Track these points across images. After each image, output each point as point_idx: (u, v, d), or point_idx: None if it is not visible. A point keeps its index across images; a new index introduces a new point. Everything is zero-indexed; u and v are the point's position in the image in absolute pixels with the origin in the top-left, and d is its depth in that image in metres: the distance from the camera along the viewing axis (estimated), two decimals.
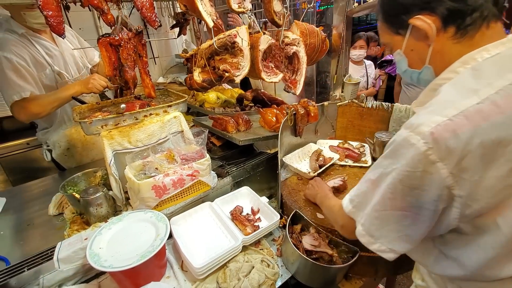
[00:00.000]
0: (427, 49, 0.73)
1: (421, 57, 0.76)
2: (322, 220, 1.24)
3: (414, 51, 0.77)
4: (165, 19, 3.48)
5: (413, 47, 0.76)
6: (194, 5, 1.25)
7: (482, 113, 0.57)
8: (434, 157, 0.58)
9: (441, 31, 0.69)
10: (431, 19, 0.68)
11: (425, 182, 0.61)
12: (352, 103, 1.83)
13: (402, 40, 0.77)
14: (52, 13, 1.05)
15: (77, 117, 1.38)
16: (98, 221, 1.28)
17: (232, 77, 1.40)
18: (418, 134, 0.60)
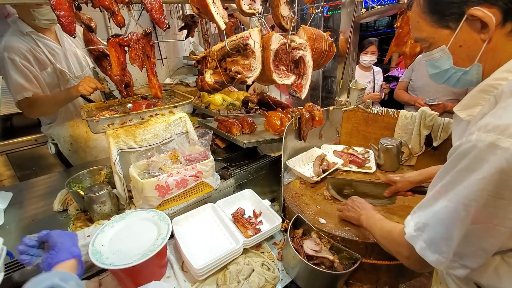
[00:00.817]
0: (480, 45, 0.66)
1: (470, 54, 0.69)
2: (323, 225, 1.23)
3: (463, 47, 0.70)
4: (173, 21, 3.54)
5: (463, 42, 0.69)
6: (207, 8, 1.26)
7: None
8: None
9: (499, 26, 0.63)
10: (490, 11, 0.61)
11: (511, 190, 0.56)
12: (358, 109, 1.82)
13: (450, 35, 0.69)
14: (64, 13, 1.08)
15: (84, 115, 1.40)
16: (101, 218, 1.29)
17: (244, 78, 1.41)
18: (510, 137, 0.54)
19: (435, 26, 0.72)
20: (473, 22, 0.65)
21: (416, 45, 1.69)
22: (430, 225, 0.70)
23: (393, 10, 1.73)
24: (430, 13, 0.72)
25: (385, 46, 5.04)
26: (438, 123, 1.50)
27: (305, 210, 1.34)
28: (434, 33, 0.73)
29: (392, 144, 1.57)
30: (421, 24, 0.75)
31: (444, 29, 0.70)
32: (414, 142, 1.60)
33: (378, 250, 1.10)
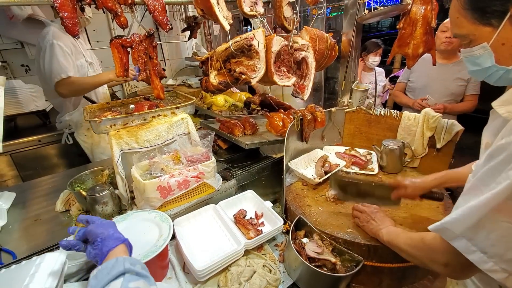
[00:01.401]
0: None
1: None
2: (325, 226, 1.22)
3: (505, 45, 0.67)
4: (176, 23, 3.55)
5: (506, 40, 0.67)
6: (211, 9, 1.27)
7: None
8: None
9: None
10: None
11: None
12: (360, 110, 1.81)
13: (492, 32, 0.67)
14: (67, 15, 1.08)
15: (87, 116, 1.41)
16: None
17: (249, 79, 1.41)
18: None
19: (476, 23, 0.69)
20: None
21: (418, 46, 1.67)
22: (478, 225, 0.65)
23: (396, 11, 1.72)
24: (471, 10, 0.69)
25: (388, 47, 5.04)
26: (441, 125, 1.49)
27: (307, 211, 1.33)
28: (475, 30, 0.70)
29: (395, 145, 1.56)
30: (461, 21, 0.72)
31: (486, 26, 0.68)
32: (417, 143, 1.59)
33: (381, 253, 1.09)
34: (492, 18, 0.66)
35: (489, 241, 0.62)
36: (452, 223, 0.68)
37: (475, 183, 0.67)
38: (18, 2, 1.16)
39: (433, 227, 0.72)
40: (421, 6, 1.63)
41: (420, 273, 1.18)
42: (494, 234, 0.61)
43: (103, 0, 1.15)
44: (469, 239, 0.65)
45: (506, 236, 0.60)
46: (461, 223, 0.66)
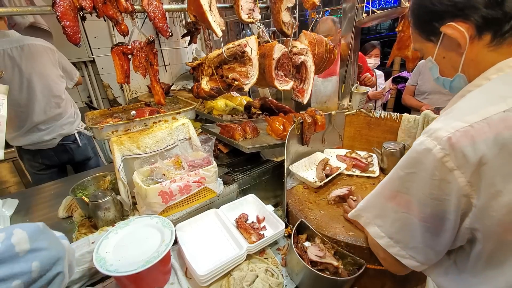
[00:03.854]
0: (459, 57, 0.70)
1: (453, 65, 0.73)
2: (327, 230, 1.22)
3: (446, 59, 0.74)
4: (176, 28, 3.58)
5: (445, 54, 0.73)
6: (203, 16, 1.28)
7: (507, 121, 0.54)
8: (451, 164, 0.55)
9: (476, 38, 0.66)
10: (464, 27, 0.65)
11: (444, 191, 0.58)
12: (360, 113, 1.82)
13: (434, 47, 0.74)
14: (69, 24, 1.10)
15: (89, 122, 1.42)
16: (106, 225, 1.30)
17: (242, 85, 1.42)
18: (435, 140, 0.57)
19: (422, 40, 0.77)
20: (449, 37, 0.68)
21: None
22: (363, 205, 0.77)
23: (394, 14, 1.74)
24: (416, 28, 0.77)
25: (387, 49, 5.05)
26: None
27: (308, 215, 1.34)
28: (423, 45, 0.78)
29: (396, 148, 1.57)
30: (414, 36, 0.80)
31: (428, 42, 0.76)
32: None
33: None
34: (432, 35, 0.73)
35: (393, 229, 0.70)
36: (363, 210, 0.77)
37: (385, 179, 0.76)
38: (21, 12, 1.18)
39: (351, 214, 0.81)
40: None
41: (422, 276, 1.17)
42: (398, 223, 0.68)
43: (104, 9, 1.17)
44: (379, 226, 0.73)
45: (407, 225, 0.66)
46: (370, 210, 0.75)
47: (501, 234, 0.57)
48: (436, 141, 0.57)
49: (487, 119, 0.55)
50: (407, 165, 0.64)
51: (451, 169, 0.56)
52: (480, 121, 0.55)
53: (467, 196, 0.56)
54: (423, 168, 0.60)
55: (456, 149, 0.55)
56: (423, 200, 0.62)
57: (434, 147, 0.57)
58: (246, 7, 1.44)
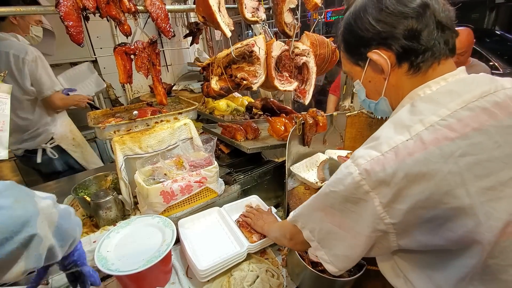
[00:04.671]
0: (383, 82, 0.75)
1: (377, 89, 0.79)
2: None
3: (371, 83, 0.79)
4: (178, 29, 3.59)
5: (371, 79, 0.79)
6: (213, 17, 1.29)
7: (408, 149, 0.60)
8: (367, 187, 0.62)
9: (396, 66, 0.71)
10: (386, 55, 0.70)
11: (360, 208, 0.65)
12: (362, 114, 1.82)
13: (361, 71, 0.79)
14: (72, 24, 1.11)
15: (91, 122, 1.42)
16: (107, 224, 1.30)
17: (250, 84, 1.43)
18: (356, 166, 0.65)
19: (351, 63, 0.82)
20: (374, 63, 0.73)
21: None
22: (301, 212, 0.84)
23: None
24: (345, 52, 0.82)
25: None
26: None
27: None
28: (351, 68, 0.83)
29: None
30: (343, 60, 0.85)
31: (357, 66, 0.80)
32: None
33: None
34: (359, 60, 0.78)
35: (321, 235, 0.77)
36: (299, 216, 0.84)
37: None
38: (24, 12, 1.18)
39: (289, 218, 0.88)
40: None
41: None
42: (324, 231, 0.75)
43: (107, 9, 1.18)
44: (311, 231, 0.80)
45: (331, 234, 0.74)
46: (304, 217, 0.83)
47: None
48: (357, 167, 0.64)
49: (394, 148, 0.61)
50: (333, 184, 0.71)
51: (367, 191, 0.62)
52: (389, 150, 0.62)
53: (381, 217, 0.63)
54: (344, 188, 0.67)
55: (370, 174, 0.62)
56: (344, 214, 0.69)
57: (355, 171, 0.64)
58: (250, 6, 1.44)
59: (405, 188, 0.59)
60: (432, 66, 0.69)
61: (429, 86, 0.69)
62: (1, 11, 1.14)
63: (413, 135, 0.61)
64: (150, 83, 2.95)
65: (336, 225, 0.72)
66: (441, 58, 0.69)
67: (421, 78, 0.70)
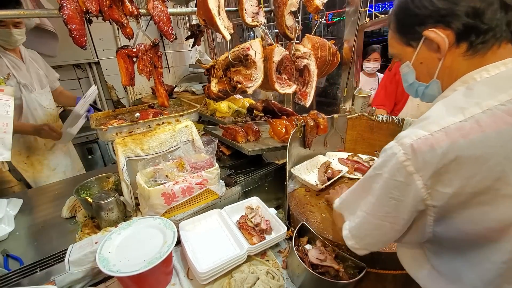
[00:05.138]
0: (437, 63, 0.72)
1: (429, 71, 0.76)
2: (328, 233, 1.23)
3: (423, 64, 0.77)
4: (180, 30, 3.61)
5: (423, 60, 0.76)
6: (212, 20, 1.30)
7: (462, 130, 0.59)
8: (411, 168, 0.61)
9: (453, 46, 0.68)
10: (445, 33, 0.67)
11: (402, 192, 0.64)
12: (362, 116, 1.82)
13: (413, 52, 0.77)
14: (75, 27, 1.12)
15: (93, 123, 1.44)
16: (109, 225, 1.31)
17: (244, 88, 1.43)
18: (401, 145, 0.63)
19: (401, 44, 0.79)
20: (430, 42, 0.70)
21: None
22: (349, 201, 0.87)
23: None
24: (397, 32, 0.79)
25: None
26: None
27: (310, 218, 1.34)
28: (401, 50, 0.80)
29: None
30: (392, 42, 0.83)
31: (408, 47, 0.78)
32: None
33: (384, 259, 1.09)
34: (412, 40, 0.76)
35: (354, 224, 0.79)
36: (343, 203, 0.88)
37: None
38: (28, 15, 1.20)
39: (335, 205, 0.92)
40: None
41: None
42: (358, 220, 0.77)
43: (109, 12, 1.19)
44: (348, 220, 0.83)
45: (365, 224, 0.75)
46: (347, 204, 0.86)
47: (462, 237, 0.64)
48: (401, 147, 0.63)
49: (445, 129, 0.60)
50: (377, 166, 0.71)
51: (411, 172, 0.61)
52: (439, 130, 0.60)
53: (423, 200, 0.62)
54: (387, 170, 0.66)
55: (416, 154, 0.60)
56: (382, 200, 0.69)
57: (399, 151, 0.63)
58: (250, 11, 1.45)
59: (454, 170, 0.58)
60: (492, 49, 0.66)
61: (487, 70, 0.65)
62: (3, 14, 1.15)
63: (468, 117, 0.59)
64: (152, 85, 2.96)
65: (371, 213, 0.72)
66: (502, 41, 0.65)
67: (479, 60, 0.67)
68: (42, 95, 2.10)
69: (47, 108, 2.13)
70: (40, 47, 2.45)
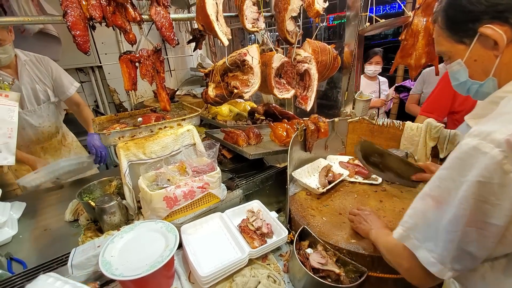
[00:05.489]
0: (493, 60, 0.69)
1: (485, 68, 0.72)
2: (329, 237, 1.23)
3: (478, 62, 0.73)
4: (182, 34, 3.64)
5: (477, 57, 0.73)
6: (210, 26, 1.32)
7: None
8: (509, 166, 0.54)
9: None
10: (502, 29, 0.65)
11: (497, 196, 0.57)
12: (363, 120, 1.83)
13: (465, 50, 0.73)
14: (79, 33, 1.14)
15: (96, 128, 1.45)
16: (111, 229, 1.32)
17: (241, 93, 1.45)
18: (491, 142, 0.56)
19: (452, 42, 0.76)
20: (486, 39, 0.67)
21: (421, 57, 1.70)
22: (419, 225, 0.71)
23: (397, 23, 1.75)
24: (447, 30, 0.76)
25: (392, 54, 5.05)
26: (444, 135, 1.50)
27: (311, 221, 1.35)
28: (451, 47, 0.77)
29: (399, 155, 1.57)
30: (440, 39, 0.79)
31: (460, 44, 0.74)
32: (421, 153, 1.60)
33: (385, 263, 1.09)
34: (465, 37, 0.73)
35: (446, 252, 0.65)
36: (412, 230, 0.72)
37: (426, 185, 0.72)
38: (32, 21, 1.22)
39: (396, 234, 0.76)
40: (423, 18, 1.66)
41: None
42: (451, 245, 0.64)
43: (113, 19, 1.21)
44: (429, 250, 0.68)
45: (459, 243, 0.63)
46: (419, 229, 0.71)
47: None
48: (493, 144, 0.55)
49: None
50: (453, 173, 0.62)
51: (508, 171, 0.55)
52: None
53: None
54: (475, 174, 0.58)
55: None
56: (473, 209, 0.60)
57: (492, 149, 0.55)
58: (250, 17, 1.47)
59: None
60: None
61: None
62: (7, 20, 1.17)
63: None
64: (154, 88, 2.98)
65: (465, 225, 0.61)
66: None
67: None
68: (35, 113, 1.95)
69: (39, 126, 1.99)
70: (43, 51, 2.47)
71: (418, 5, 1.63)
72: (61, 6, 1.10)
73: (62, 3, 1.10)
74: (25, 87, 1.86)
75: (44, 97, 1.99)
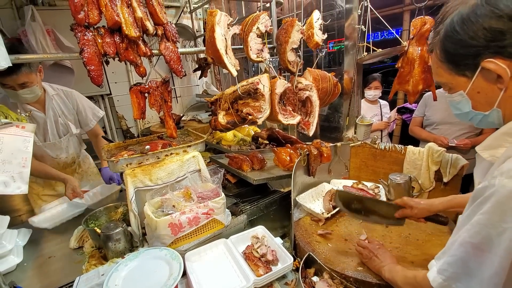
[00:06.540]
0: (497, 92, 0.69)
1: (488, 100, 0.71)
2: (335, 264, 1.21)
3: (480, 94, 0.72)
4: (188, 63, 3.81)
5: (480, 89, 0.72)
6: (220, 59, 1.41)
7: None
8: None
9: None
10: (505, 64, 0.64)
11: None
12: (365, 144, 1.86)
13: (467, 82, 0.72)
14: (94, 67, 1.22)
15: (105, 155, 1.50)
16: (116, 256, 1.32)
17: (255, 119, 1.51)
18: None
19: (452, 74, 0.75)
20: (489, 72, 0.67)
21: (418, 83, 1.76)
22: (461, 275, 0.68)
23: (394, 52, 1.84)
24: (446, 62, 0.75)
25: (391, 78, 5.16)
26: (446, 159, 1.51)
27: (316, 248, 1.33)
28: (452, 79, 0.76)
29: (402, 179, 1.58)
30: (439, 71, 0.79)
31: (461, 76, 0.74)
32: (424, 177, 1.60)
33: None
34: (466, 70, 0.72)
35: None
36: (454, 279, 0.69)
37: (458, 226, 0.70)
38: (51, 58, 1.31)
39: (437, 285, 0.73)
40: (417, 47, 1.74)
41: None
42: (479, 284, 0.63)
43: (125, 54, 1.30)
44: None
45: None
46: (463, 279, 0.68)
47: None
48: None
49: None
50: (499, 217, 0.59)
51: None
52: None
53: None
54: None
55: None
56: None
57: None
58: (255, 48, 1.56)
59: None
60: None
61: None
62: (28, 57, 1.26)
63: None
64: (161, 115, 3.07)
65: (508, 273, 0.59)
66: None
67: None
68: (54, 146, 2.02)
69: (55, 158, 2.06)
70: (58, 81, 2.60)
71: (412, 35, 1.71)
72: (79, 45, 1.19)
73: (79, 41, 1.19)
74: (50, 121, 1.94)
75: (64, 129, 2.05)
